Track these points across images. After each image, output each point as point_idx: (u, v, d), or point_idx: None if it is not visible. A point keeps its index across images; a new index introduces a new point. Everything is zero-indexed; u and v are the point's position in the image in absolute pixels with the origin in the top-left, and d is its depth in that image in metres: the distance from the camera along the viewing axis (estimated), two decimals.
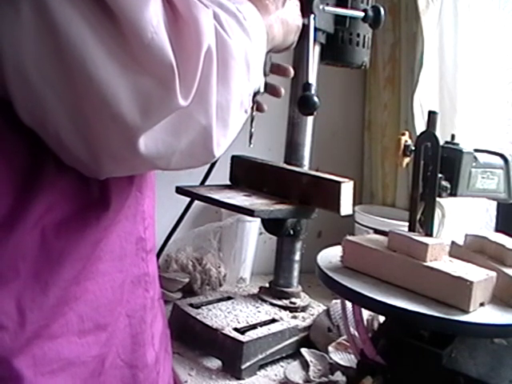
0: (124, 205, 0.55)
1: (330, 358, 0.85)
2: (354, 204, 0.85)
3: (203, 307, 0.96)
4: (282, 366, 0.88)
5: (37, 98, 0.41)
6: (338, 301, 0.88)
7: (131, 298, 0.57)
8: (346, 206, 0.82)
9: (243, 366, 0.83)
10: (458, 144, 0.79)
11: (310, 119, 0.99)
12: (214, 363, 0.87)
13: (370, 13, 0.88)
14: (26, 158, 0.46)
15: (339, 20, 0.95)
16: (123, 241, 0.55)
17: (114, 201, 0.52)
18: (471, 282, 0.60)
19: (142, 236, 0.59)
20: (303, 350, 0.89)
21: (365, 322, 0.73)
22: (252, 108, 0.92)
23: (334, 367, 0.84)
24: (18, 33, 0.39)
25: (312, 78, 0.80)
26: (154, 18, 0.41)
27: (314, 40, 0.84)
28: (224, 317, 0.92)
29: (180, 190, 0.87)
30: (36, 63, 0.40)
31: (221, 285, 1.14)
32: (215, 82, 0.47)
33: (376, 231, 1.15)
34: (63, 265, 0.48)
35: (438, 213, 1.07)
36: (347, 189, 0.82)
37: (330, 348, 0.86)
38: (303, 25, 0.85)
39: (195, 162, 0.52)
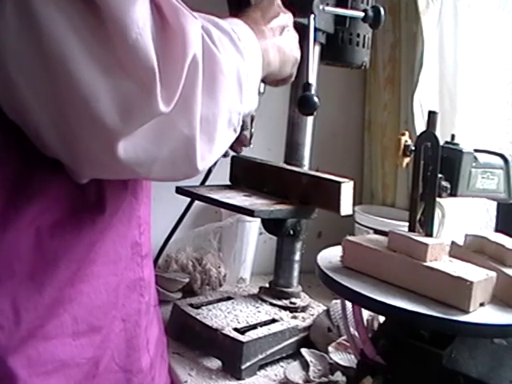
0: (119, 209, 0.55)
1: (330, 358, 0.85)
2: (354, 204, 0.85)
3: (203, 307, 0.95)
4: (281, 366, 0.88)
5: (16, 92, 0.41)
6: (338, 301, 0.88)
7: (126, 303, 0.57)
8: (346, 206, 0.82)
9: (243, 366, 0.83)
10: (458, 144, 0.79)
11: (310, 119, 0.99)
12: (214, 363, 0.87)
13: (370, 13, 0.88)
14: (19, 160, 0.45)
15: (339, 20, 0.95)
16: (118, 245, 0.55)
17: (110, 205, 0.53)
18: (471, 282, 0.60)
19: (138, 241, 0.59)
20: (303, 350, 0.89)
21: (365, 322, 0.73)
22: None
23: (333, 367, 0.84)
24: (1, 28, 0.39)
25: (312, 78, 0.80)
26: (140, 20, 0.41)
27: (314, 40, 0.84)
28: (224, 317, 0.92)
29: (180, 190, 0.87)
30: (16, 59, 0.40)
31: (221, 285, 1.14)
32: (200, 93, 0.47)
33: (376, 231, 1.15)
34: (58, 266, 0.49)
35: (437, 213, 1.07)
36: (347, 189, 0.82)
37: (330, 348, 0.86)
38: (303, 25, 0.86)
39: (178, 173, 0.52)
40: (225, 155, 0.92)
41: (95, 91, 0.40)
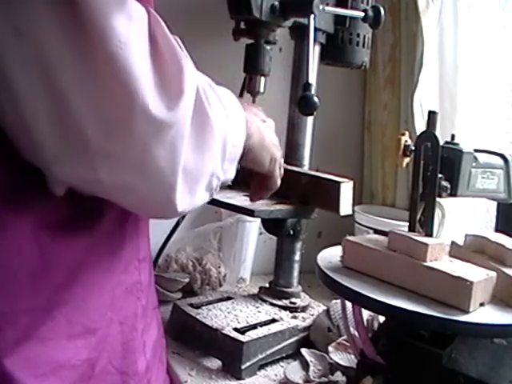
0: (117, 213, 0.55)
1: (330, 358, 0.85)
2: (354, 204, 0.85)
3: (203, 307, 0.96)
4: (281, 366, 0.88)
5: None
6: (338, 301, 0.88)
7: (123, 306, 0.57)
8: (346, 206, 0.82)
9: (243, 366, 0.83)
10: (458, 144, 0.79)
11: (309, 119, 0.99)
12: (214, 363, 0.87)
13: (370, 13, 0.88)
14: (16, 165, 0.45)
15: (339, 20, 0.95)
16: (115, 248, 0.55)
17: (108, 209, 0.53)
18: (471, 282, 0.60)
19: (135, 244, 0.59)
20: (303, 350, 0.89)
21: (365, 322, 0.73)
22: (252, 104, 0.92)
23: (333, 367, 0.84)
24: None
25: (312, 78, 0.80)
26: (122, 36, 0.41)
27: (314, 40, 0.84)
28: (224, 317, 0.92)
29: None
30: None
31: (221, 285, 1.14)
32: (187, 140, 0.47)
33: (376, 231, 1.15)
34: (56, 269, 0.49)
35: (437, 213, 1.07)
36: (347, 189, 0.82)
37: (330, 348, 0.86)
38: (303, 25, 0.86)
39: (155, 211, 0.52)
40: None
41: (74, 100, 0.41)
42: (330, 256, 0.75)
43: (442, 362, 0.63)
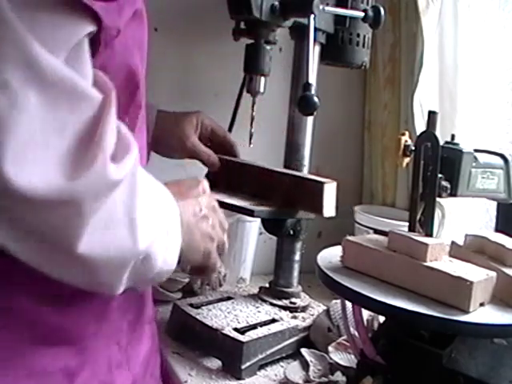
0: None
1: (330, 358, 0.85)
2: (354, 204, 0.85)
3: (203, 307, 0.95)
4: (281, 366, 0.88)
5: None
6: (338, 301, 0.88)
7: (107, 320, 0.57)
8: (329, 207, 0.81)
9: (243, 366, 0.83)
10: (458, 144, 0.79)
11: (309, 119, 0.99)
12: (214, 363, 0.87)
13: (370, 13, 0.88)
14: None
15: (339, 20, 0.95)
16: None
17: None
18: (471, 282, 0.60)
19: None
20: (303, 350, 0.88)
21: (365, 322, 0.73)
22: (252, 108, 0.92)
23: (333, 367, 0.84)
24: None
25: (312, 78, 0.80)
26: (13, 89, 0.38)
27: (314, 40, 0.84)
28: (224, 317, 0.92)
29: None
30: None
31: (221, 285, 1.14)
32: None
33: (376, 231, 1.15)
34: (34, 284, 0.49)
35: (437, 213, 1.07)
36: (330, 189, 0.81)
37: (330, 348, 0.86)
38: (303, 25, 0.86)
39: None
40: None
41: None
42: (330, 256, 0.75)
43: (442, 361, 0.63)
